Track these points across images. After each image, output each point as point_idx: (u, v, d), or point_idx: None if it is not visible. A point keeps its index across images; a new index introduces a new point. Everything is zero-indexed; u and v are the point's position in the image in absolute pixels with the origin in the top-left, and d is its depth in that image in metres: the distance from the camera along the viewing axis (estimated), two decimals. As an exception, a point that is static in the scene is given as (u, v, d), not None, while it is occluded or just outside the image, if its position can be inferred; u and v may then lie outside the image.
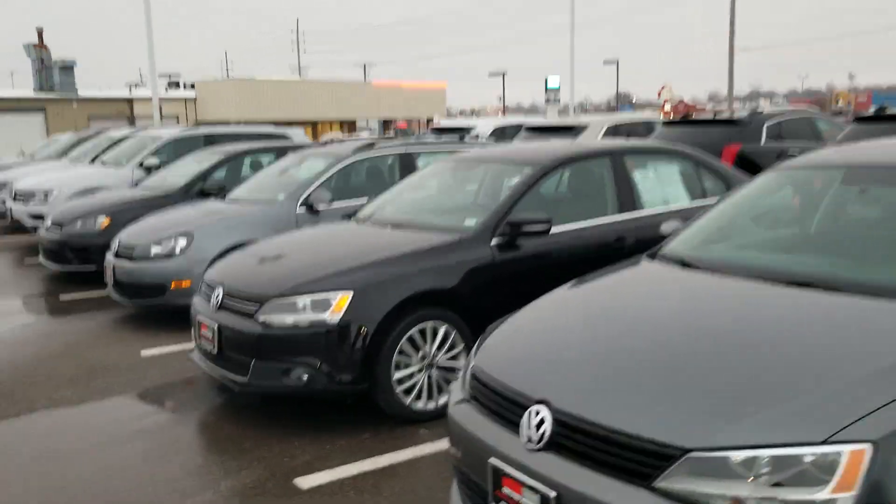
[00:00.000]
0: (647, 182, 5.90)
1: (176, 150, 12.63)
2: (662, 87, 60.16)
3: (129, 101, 48.04)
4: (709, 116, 11.92)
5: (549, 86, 67.80)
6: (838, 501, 2.05)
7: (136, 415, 5.09)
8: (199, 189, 9.67)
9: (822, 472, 2.09)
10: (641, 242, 5.53)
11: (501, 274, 5.00)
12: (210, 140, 12.83)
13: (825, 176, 4.08)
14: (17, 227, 13.34)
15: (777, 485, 2.12)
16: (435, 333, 4.75)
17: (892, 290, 2.84)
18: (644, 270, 3.72)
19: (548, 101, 70.43)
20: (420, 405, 4.73)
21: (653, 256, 3.89)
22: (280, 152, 10.50)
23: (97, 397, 5.42)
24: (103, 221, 9.24)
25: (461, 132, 15.50)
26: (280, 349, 4.55)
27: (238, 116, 47.62)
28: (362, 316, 4.52)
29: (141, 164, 12.14)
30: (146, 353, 6.45)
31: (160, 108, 23.83)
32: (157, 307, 7.16)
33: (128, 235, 7.55)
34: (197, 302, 5.28)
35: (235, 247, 7.00)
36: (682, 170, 6.18)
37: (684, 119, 12.07)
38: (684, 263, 3.64)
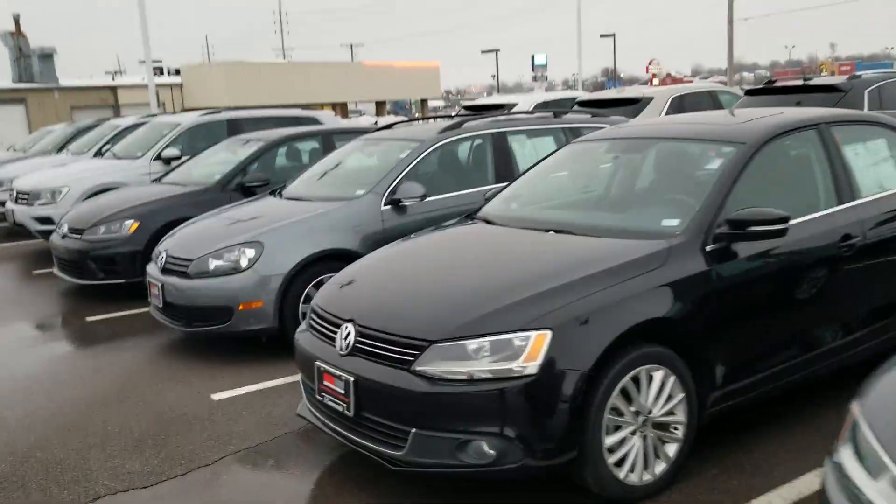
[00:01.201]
0: (859, 161, 4.64)
1: (195, 138, 11.27)
2: (650, 62, 59.11)
3: (113, 89, 46.32)
4: (798, 82, 10.64)
5: (535, 62, 66.78)
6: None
7: (241, 502, 3.79)
8: (237, 184, 8.35)
9: None
10: (868, 241, 4.32)
11: (721, 292, 3.73)
12: (234, 126, 11.44)
13: None
14: (16, 231, 11.92)
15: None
16: (650, 381, 3.48)
17: None
18: None
19: (535, 78, 69.44)
20: (635, 478, 3.47)
21: None
22: (325, 138, 9.21)
23: (178, 469, 4.11)
24: (131, 226, 7.91)
25: (498, 109, 14.14)
26: (452, 413, 3.27)
27: (227, 102, 45.98)
28: (566, 364, 3.24)
29: (158, 156, 10.76)
30: (218, 396, 5.15)
31: (157, 94, 22.28)
32: (221, 335, 5.83)
33: (177, 245, 6.20)
34: (307, 341, 3.97)
35: (319, 257, 5.75)
36: (890, 144, 4.92)
37: (770, 86, 10.79)
38: None
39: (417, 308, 3.56)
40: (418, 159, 6.36)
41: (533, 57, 67.05)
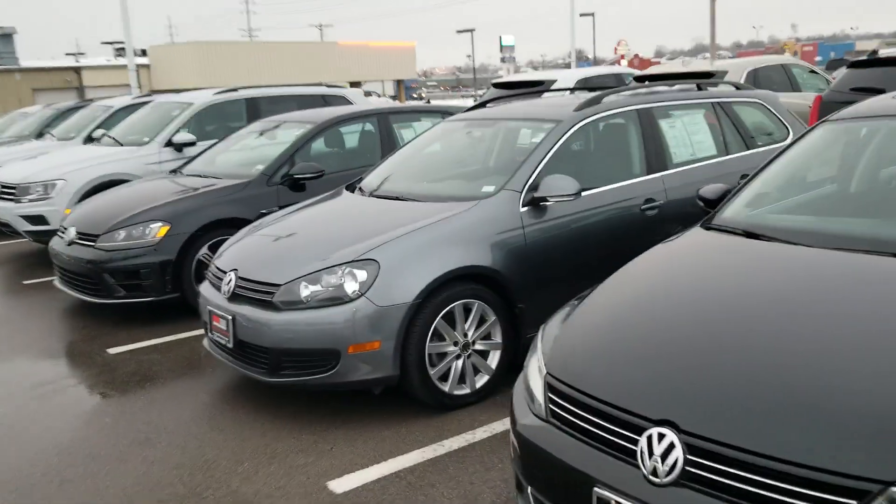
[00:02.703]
0: None
1: (209, 120, 9.67)
2: (619, 43, 58.20)
3: (77, 71, 43.99)
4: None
5: (503, 43, 65.58)
6: None
7: None
8: (284, 176, 6.79)
9: None
10: None
11: None
12: (253, 106, 9.83)
13: None
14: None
15: None
16: None
17: None
18: None
19: (503, 59, 68.24)
20: None
21: None
22: (382, 120, 7.65)
23: None
24: (159, 230, 6.30)
25: (535, 86, 12.61)
26: None
27: (197, 83, 44.02)
28: None
29: (169, 142, 9.10)
30: (339, 486, 3.61)
31: (137, 74, 20.39)
32: (322, 387, 4.27)
33: (250, 263, 4.60)
34: (566, 448, 2.45)
35: (448, 280, 4.23)
36: None
37: (874, 57, 9.39)
38: None
39: (842, 419, 2.04)
40: (559, 144, 4.85)
41: (500, 38, 65.71)
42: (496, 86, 13.82)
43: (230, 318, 4.42)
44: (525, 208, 4.60)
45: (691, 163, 5.39)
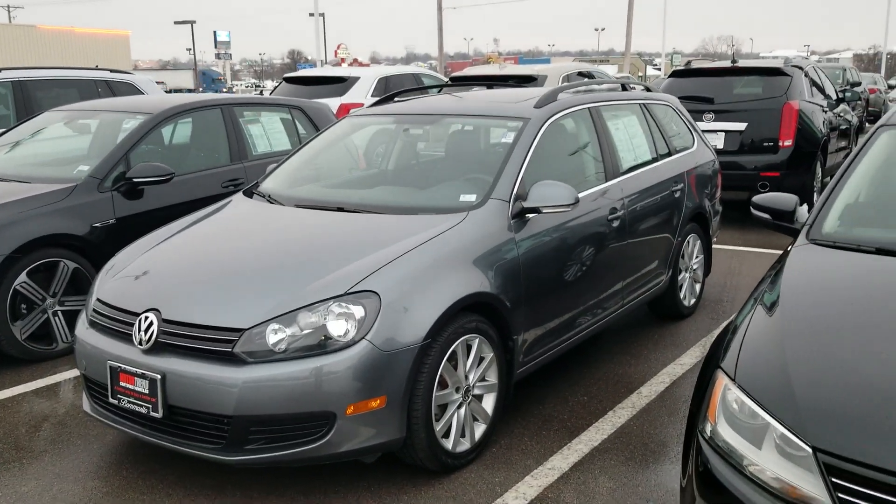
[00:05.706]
0: None
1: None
2: (339, 46, 59.14)
3: None
4: (726, 64, 9.82)
5: (218, 38, 63.25)
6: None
7: None
8: (119, 178, 5.43)
9: None
10: None
11: None
12: (23, 92, 7.95)
13: None
14: None
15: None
16: None
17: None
18: None
19: (219, 55, 65.73)
20: None
21: None
22: (226, 111, 6.44)
23: None
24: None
25: (337, 83, 11.80)
26: None
27: None
28: None
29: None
30: None
31: None
32: (304, 461, 3.19)
33: (171, 299, 3.34)
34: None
35: (460, 308, 3.42)
36: None
37: (691, 67, 9.82)
38: None
39: None
40: (534, 145, 4.18)
41: (215, 33, 63.26)
42: (286, 80, 12.78)
43: (158, 377, 3.18)
44: (513, 220, 3.87)
45: (635, 168, 5.00)
